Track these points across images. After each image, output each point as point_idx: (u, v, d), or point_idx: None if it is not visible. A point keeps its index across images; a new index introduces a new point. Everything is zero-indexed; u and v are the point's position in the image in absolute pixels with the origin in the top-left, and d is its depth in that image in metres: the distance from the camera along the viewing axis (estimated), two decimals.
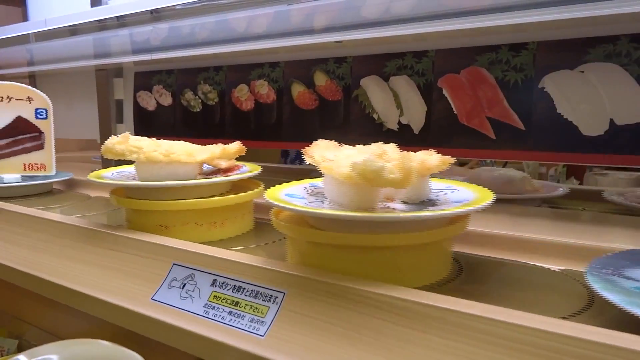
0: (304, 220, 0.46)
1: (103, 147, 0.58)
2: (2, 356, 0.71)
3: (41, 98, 0.90)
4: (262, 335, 0.39)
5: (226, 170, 0.63)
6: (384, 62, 0.78)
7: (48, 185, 0.92)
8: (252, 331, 0.39)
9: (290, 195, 0.47)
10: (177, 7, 0.77)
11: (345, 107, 0.83)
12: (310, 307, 0.38)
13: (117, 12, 0.81)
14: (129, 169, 0.66)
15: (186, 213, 0.57)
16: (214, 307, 0.43)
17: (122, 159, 0.57)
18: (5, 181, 0.85)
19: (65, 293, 0.52)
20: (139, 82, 1.11)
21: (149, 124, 1.11)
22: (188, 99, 1.04)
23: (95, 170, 0.67)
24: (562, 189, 0.77)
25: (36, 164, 0.90)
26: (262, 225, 0.64)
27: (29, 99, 0.89)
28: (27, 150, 0.90)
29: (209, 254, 0.46)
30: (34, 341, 0.62)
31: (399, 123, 0.77)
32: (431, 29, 0.56)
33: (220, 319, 0.41)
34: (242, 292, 0.42)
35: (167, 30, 0.82)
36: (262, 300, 0.41)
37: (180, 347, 0.42)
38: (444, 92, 0.72)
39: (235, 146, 0.63)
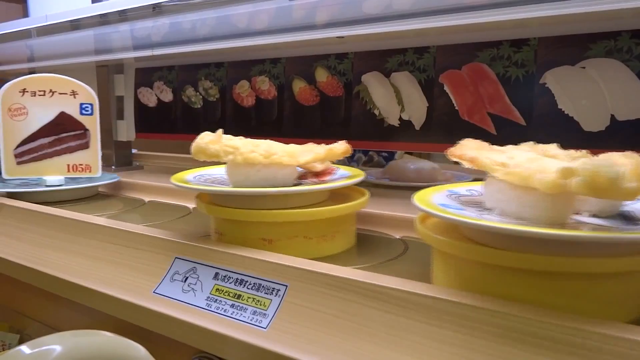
0: (459, 235, 0.38)
1: (194, 147, 0.47)
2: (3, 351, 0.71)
3: (86, 92, 0.81)
4: (265, 328, 0.39)
5: (320, 174, 0.55)
6: (386, 58, 0.78)
7: (94, 188, 0.83)
8: (255, 324, 0.39)
9: (444, 205, 0.39)
10: (178, 2, 0.77)
11: (346, 103, 0.83)
12: (313, 299, 0.38)
13: (118, 6, 0.81)
14: (210, 171, 0.58)
15: (295, 225, 0.48)
16: (216, 300, 0.43)
17: (215, 160, 0.48)
18: (48, 184, 0.77)
19: (68, 287, 0.52)
20: (140, 78, 1.11)
21: (150, 121, 1.11)
22: (189, 95, 1.04)
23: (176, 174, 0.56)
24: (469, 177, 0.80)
25: (80, 164, 0.81)
26: (364, 237, 0.56)
27: (74, 93, 0.80)
28: (71, 150, 0.81)
29: (211, 247, 0.46)
30: (36, 336, 0.61)
31: (400, 119, 0.77)
32: (433, 25, 0.56)
33: (222, 312, 0.41)
34: (244, 285, 0.42)
35: (168, 26, 0.82)
36: (265, 293, 0.41)
37: (182, 339, 0.43)
38: (445, 88, 0.72)
39: (342, 147, 0.54)
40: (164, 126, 1.09)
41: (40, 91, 0.78)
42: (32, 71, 1.35)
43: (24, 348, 0.32)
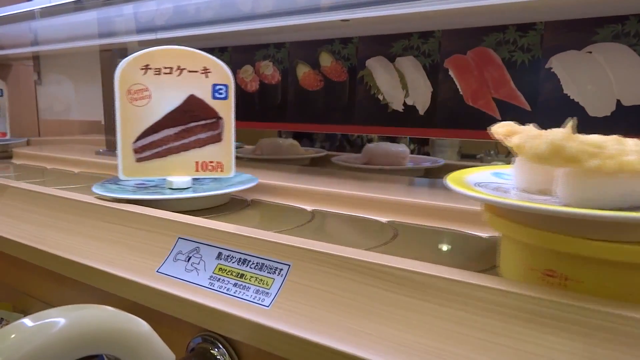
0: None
1: (546, 147, 0.30)
2: None
3: (221, 69, 0.62)
4: (267, 306, 0.39)
5: None
6: (390, 43, 0.77)
7: (226, 195, 0.65)
8: (258, 302, 0.39)
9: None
10: None
11: (350, 88, 0.82)
12: (315, 278, 0.39)
13: None
14: (491, 173, 0.42)
15: None
16: (219, 279, 0.43)
17: (570, 165, 0.31)
18: (175, 186, 0.61)
19: (72, 266, 0.52)
20: None
21: None
22: None
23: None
24: (429, 162, 0.95)
25: (211, 162, 0.63)
26: None
27: (205, 71, 0.62)
28: (200, 143, 0.63)
29: (214, 227, 0.46)
30: None
31: (405, 104, 0.77)
32: (438, 7, 0.56)
33: (225, 291, 0.42)
34: (247, 265, 0.43)
35: (172, 9, 0.82)
36: (267, 273, 0.41)
37: (186, 318, 0.43)
38: (450, 72, 0.72)
39: None
40: None
41: (166, 68, 0.60)
42: (35, 55, 1.35)
43: (27, 321, 0.32)
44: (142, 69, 0.59)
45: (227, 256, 0.44)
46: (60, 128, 1.56)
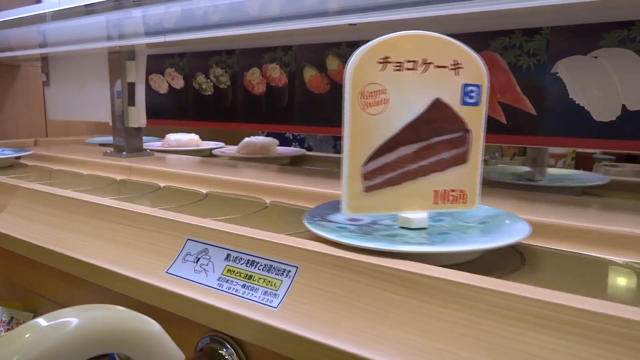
0: None
1: None
2: None
3: (474, 64, 0.46)
4: (276, 308, 0.39)
5: None
6: None
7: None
8: (266, 303, 0.40)
9: None
10: None
11: None
12: (323, 280, 0.39)
13: None
14: None
15: None
16: (227, 280, 0.44)
17: None
18: (415, 225, 0.46)
19: (82, 267, 0.53)
20: (151, 65, 1.12)
21: (161, 107, 1.12)
22: (200, 82, 1.04)
23: None
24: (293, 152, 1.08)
25: (452, 191, 0.47)
26: None
27: (456, 66, 0.45)
28: (442, 166, 0.46)
29: (223, 229, 0.47)
30: None
31: None
32: (445, 12, 0.56)
33: (234, 292, 0.42)
34: (255, 266, 0.43)
35: (180, 12, 0.83)
36: (275, 274, 0.42)
37: (194, 318, 0.43)
38: None
39: None
40: (174, 113, 1.10)
41: (409, 62, 0.44)
42: (44, 57, 1.36)
43: (41, 320, 0.32)
44: (381, 62, 0.43)
45: (236, 258, 0.45)
46: (68, 129, 1.57)
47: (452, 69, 0.45)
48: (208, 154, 1.22)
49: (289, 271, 0.41)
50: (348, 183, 0.44)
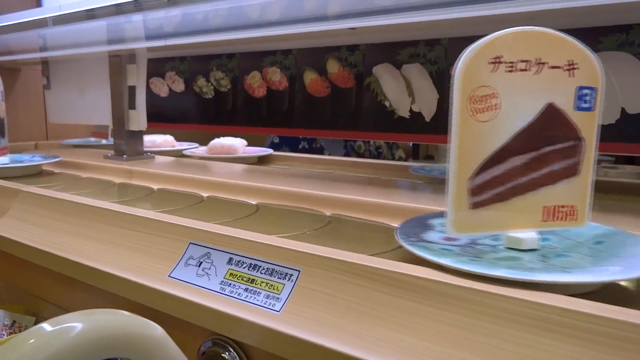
0: None
1: None
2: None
3: (590, 64, 0.42)
4: (278, 311, 0.40)
5: None
6: (397, 50, 0.78)
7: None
8: (268, 307, 0.40)
9: None
10: None
11: (357, 94, 0.83)
12: (325, 284, 0.39)
13: None
14: None
15: None
16: (230, 284, 0.44)
17: None
18: (525, 246, 0.41)
19: (84, 270, 0.53)
20: (152, 68, 1.12)
21: (161, 110, 1.12)
22: (200, 86, 1.05)
23: None
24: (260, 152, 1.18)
25: (562, 207, 0.42)
26: None
27: (571, 67, 0.41)
28: (552, 179, 0.42)
29: (225, 233, 0.47)
30: (51, 318, 0.63)
31: (411, 111, 0.77)
32: (445, 17, 0.57)
33: (236, 296, 0.42)
34: (257, 270, 0.43)
35: (181, 16, 0.83)
36: (278, 278, 0.42)
37: (197, 322, 0.44)
38: None
39: None
40: (175, 116, 1.10)
41: (522, 62, 0.39)
42: (44, 61, 1.36)
43: (46, 325, 0.33)
44: (492, 62, 0.39)
45: (238, 261, 0.45)
46: (68, 132, 1.57)
47: (567, 69, 0.41)
48: (181, 154, 1.25)
49: (292, 275, 0.42)
50: (454, 199, 0.39)
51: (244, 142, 1.22)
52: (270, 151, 1.22)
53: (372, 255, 0.41)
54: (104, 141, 1.52)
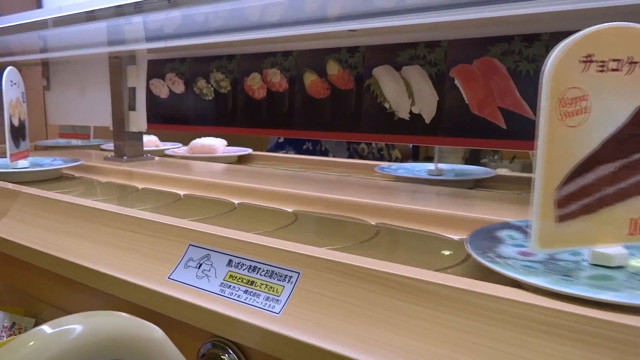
0: None
1: None
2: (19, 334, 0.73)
3: None
4: (278, 313, 0.40)
5: None
6: (397, 52, 0.78)
7: None
8: (268, 309, 0.40)
9: None
10: None
11: (357, 96, 0.83)
12: (324, 286, 0.39)
13: None
14: None
15: None
16: (229, 286, 0.44)
17: None
18: (615, 263, 0.38)
19: (84, 272, 0.53)
20: (152, 69, 1.12)
21: (161, 112, 1.12)
22: (200, 87, 1.05)
23: None
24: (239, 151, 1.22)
25: None
26: None
27: None
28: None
29: (225, 235, 0.47)
30: (51, 320, 0.63)
31: (411, 112, 0.77)
32: (444, 19, 0.57)
33: (236, 297, 0.42)
34: (257, 272, 0.43)
35: (181, 18, 0.83)
36: (277, 280, 0.42)
37: (196, 324, 0.44)
38: (456, 82, 0.73)
39: None
40: (175, 117, 1.10)
41: (614, 61, 0.36)
42: (45, 62, 1.36)
43: (45, 327, 0.32)
44: (583, 61, 0.36)
45: (238, 263, 0.45)
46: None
47: None
48: (164, 154, 1.28)
49: (291, 277, 0.42)
50: (540, 212, 0.36)
51: (224, 142, 1.26)
52: (249, 151, 1.26)
53: (439, 271, 0.39)
54: (73, 142, 1.50)
